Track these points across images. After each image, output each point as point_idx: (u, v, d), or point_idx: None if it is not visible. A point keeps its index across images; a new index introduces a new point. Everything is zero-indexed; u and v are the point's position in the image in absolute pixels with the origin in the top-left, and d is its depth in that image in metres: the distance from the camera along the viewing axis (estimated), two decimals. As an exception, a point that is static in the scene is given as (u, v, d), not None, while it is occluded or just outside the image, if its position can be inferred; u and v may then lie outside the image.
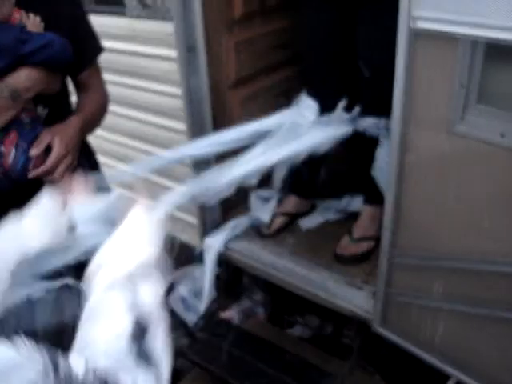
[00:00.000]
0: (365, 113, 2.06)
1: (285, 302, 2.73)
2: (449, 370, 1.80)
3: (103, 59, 1.67)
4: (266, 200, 2.57)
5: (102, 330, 0.77)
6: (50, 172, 1.37)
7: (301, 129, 2.03)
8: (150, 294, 0.86)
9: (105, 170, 1.84)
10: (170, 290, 3.09)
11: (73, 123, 1.45)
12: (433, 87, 1.46)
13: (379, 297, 1.88)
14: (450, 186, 1.53)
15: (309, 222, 2.53)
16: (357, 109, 2.05)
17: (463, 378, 1.77)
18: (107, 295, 0.83)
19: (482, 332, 1.65)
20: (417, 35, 1.41)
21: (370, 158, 2.08)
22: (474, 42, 1.33)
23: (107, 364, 0.69)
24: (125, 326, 0.77)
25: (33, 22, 1.34)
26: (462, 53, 1.36)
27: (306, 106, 2.13)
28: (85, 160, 1.55)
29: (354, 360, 2.39)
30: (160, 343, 0.78)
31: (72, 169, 1.42)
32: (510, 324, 1.55)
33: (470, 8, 1.28)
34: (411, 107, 1.51)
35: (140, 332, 0.77)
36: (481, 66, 1.36)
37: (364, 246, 2.26)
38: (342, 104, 2.07)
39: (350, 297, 2.09)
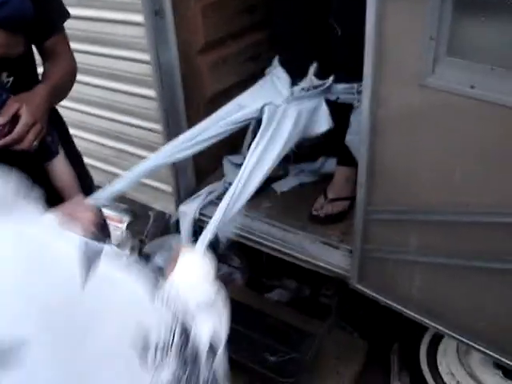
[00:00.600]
0: (338, 73, 2.06)
1: (262, 267, 2.75)
2: (426, 321, 1.84)
3: (68, 27, 1.63)
4: (239, 165, 2.56)
5: None
6: (18, 141, 1.35)
7: (279, 111, 2.02)
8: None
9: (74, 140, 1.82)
10: (147, 260, 3.09)
11: (40, 91, 1.42)
12: (403, 41, 1.46)
13: (356, 254, 1.91)
14: (423, 139, 1.54)
15: (283, 185, 2.54)
16: (330, 78, 2.05)
17: (440, 328, 1.82)
18: None
19: (457, 282, 1.69)
20: (385, -11, 1.40)
21: (344, 123, 2.09)
22: (443, -7, 1.33)
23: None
24: None
25: None
26: (431, 5, 1.36)
27: (278, 77, 2.13)
28: (54, 129, 1.53)
29: (333, 319, 2.44)
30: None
31: (41, 137, 1.40)
32: (483, 273, 1.59)
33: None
34: (382, 62, 1.51)
35: None
36: (450, 18, 1.37)
37: (339, 206, 2.28)
38: (313, 68, 2.07)
39: (327, 256, 2.12)
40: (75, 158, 1.66)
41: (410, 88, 1.48)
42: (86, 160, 2.68)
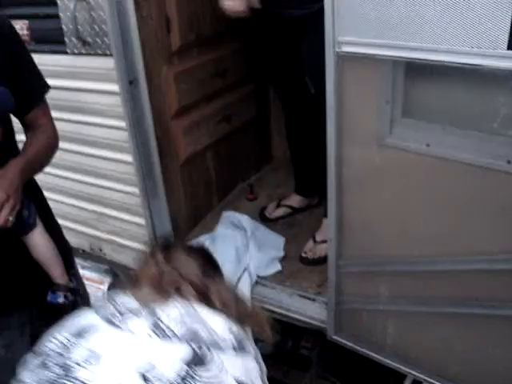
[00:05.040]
0: (315, 126, 2.19)
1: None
2: (402, 368, 1.90)
3: (49, 97, 1.68)
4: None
5: None
6: None
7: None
8: None
9: (52, 204, 1.84)
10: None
11: (12, 167, 1.43)
12: (362, 105, 1.58)
13: (331, 306, 1.97)
14: (385, 195, 1.64)
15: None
16: None
17: (416, 374, 1.87)
18: None
19: (428, 329, 1.75)
20: (342, 58, 1.52)
21: None
22: (395, 62, 1.45)
23: None
24: None
25: None
26: (384, 72, 1.48)
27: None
28: (30, 201, 1.55)
29: (314, 370, 2.47)
30: None
31: (16, 213, 1.42)
32: (451, 318, 1.67)
33: (388, 32, 1.40)
34: (343, 124, 1.61)
35: None
36: (403, 83, 1.49)
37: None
38: None
39: (305, 309, 2.18)
40: (53, 228, 1.67)
41: (371, 148, 1.59)
42: (67, 224, 2.75)
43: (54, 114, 1.74)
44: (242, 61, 2.78)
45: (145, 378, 0.86)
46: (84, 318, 1.00)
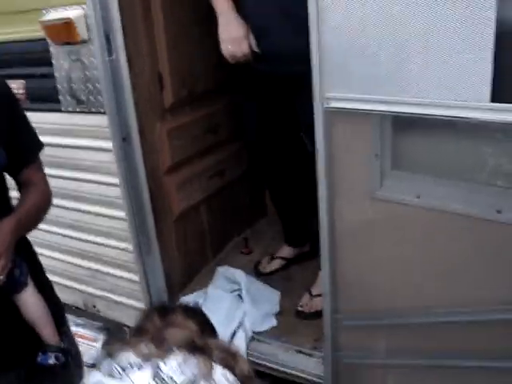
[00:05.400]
0: (305, 181, 2.19)
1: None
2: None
3: (42, 154, 1.69)
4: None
5: None
6: None
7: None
8: None
9: (44, 261, 1.83)
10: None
11: (4, 225, 1.41)
12: (352, 159, 1.59)
13: (328, 361, 1.94)
14: (378, 248, 1.64)
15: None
16: None
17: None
18: None
19: (428, 381, 1.72)
20: (331, 114, 1.54)
21: None
22: (382, 116, 1.47)
23: None
24: None
25: None
26: (372, 127, 1.50)
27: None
28: (22, 260, 1.54)
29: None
30: None
31: (7, 272, 1.41)
32: (450, 372, 1.64)
33: (375, 87, 1.43)
34: (334, 179, 1.63)
35: None
36: (391, 136, 1.51)
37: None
38: None
39: (301, 364, 2.14)
40: (44, 286, 1.65)
41: (362, 201, 1.60)
42: (61, 280, 2.72)
43: (48, 170, 1.75)
44: (233, 115, 2.81)
45: None
46: (90, 377, 1.10)
